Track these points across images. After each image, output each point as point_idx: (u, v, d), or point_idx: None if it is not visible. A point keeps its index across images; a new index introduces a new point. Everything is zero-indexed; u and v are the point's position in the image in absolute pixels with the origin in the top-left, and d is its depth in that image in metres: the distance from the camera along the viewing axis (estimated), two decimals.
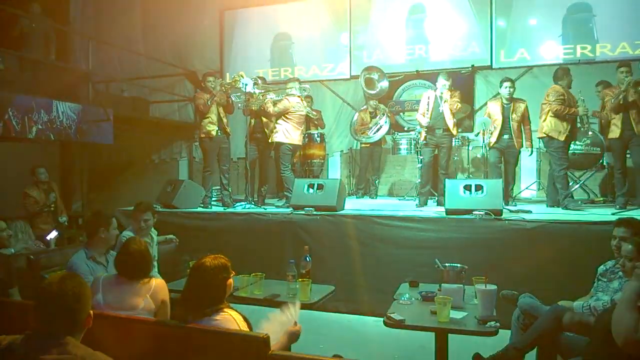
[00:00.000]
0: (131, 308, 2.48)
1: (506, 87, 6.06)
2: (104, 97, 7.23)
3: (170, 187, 6.15)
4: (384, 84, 7.47)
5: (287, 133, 6.08)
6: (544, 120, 5.66)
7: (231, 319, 2.15)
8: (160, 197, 6.13)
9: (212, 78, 6.34)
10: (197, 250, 5.14)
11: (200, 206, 6.13)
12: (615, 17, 7.19)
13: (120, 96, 8.54)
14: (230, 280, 2.30)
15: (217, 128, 6.15)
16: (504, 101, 6.12)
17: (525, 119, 6.13)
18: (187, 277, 2.30)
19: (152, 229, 4.10)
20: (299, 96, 6.24)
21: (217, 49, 9.26)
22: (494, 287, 2.80)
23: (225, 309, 2.20)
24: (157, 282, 2.66)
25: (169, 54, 9.29)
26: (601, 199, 6.41)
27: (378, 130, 7.22)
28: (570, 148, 5.90)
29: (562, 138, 5.55)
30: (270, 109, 6.12)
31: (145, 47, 9.47)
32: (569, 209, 5.32)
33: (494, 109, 6.14)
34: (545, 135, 5.66)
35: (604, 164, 6.37)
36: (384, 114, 7.26)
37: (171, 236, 4.57)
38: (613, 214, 4.87)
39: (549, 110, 5.60)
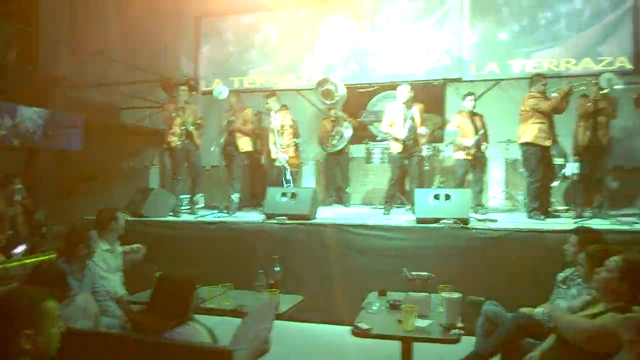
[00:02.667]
0: None
1: (470, 101, 6.34)
2: (74, 102, 7.09)
3: (140, 195, 6.07)
4: (342, 91, 7.54)
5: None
6: (527, 128, 5.56)
7: (195, 332, 2.14)
8: (129, 205, 6.03)
9: (184, 88, 6.33)
10: (167, 260, 5.08)
11: (170, 215, 6.07)
12: (578, 35, 7.51)
13: (91, 101, 8.40)
14: (196, 293, 2.29)
15: (178, 140, 6.13)
16: (469, 114, 6.33)
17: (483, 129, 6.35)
18: (153, 289, 2.29)
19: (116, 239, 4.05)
20: (280, 110, 6.48)
21: (193, 57, 9.21)
22: (459, 294, 2.85)
23: (190, 322, 2.19)
24: (83, 299, 2.62)
25: (144, 60, 9.20)
26: (565, 208, 6.59)
27: (341, 138, 7.32)
28: None
29: (547, 143, 5.52)
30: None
31: (119, 52, 9.36)
32: (533, 219, 5.42)
33: (463, 122, 6.32)
34: (527, 143, 5.55)
35: (567, 174, 6.57)
36: (345, 122, 7.35)
37: (138, 245, 4.46)
38: (575, 223, 5.01)
39: (531, 115, 5.51)
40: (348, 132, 7.30)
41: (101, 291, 3.52)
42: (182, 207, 6.51)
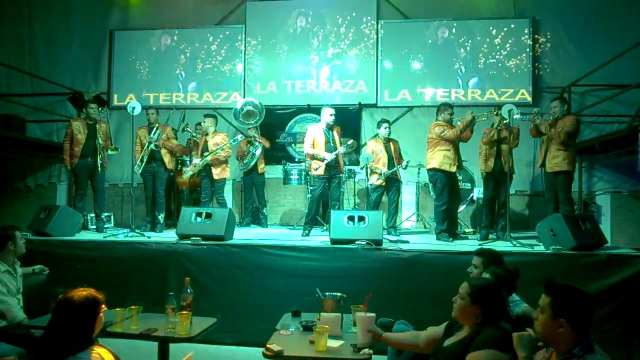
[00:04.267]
0: None
1: (385, 128, 6.62)
2: None
3: (44, 212, 5.69)
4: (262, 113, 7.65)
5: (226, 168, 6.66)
6: (433, 154, 5.83)
7: (99, 357, 2.05)
8: (33, 223, 5.64)
9: (94, 106, 6.33)
10: (74, 282, 4.77)
11: (80, 233, 5.78)
12: (484, 68, 8.16)
13: None
14: (101, 316, 2.20)
15: (75, 160, 6.19)
16: (384, 141, 6.61)
17: (398, 155, 6.65)
18: (52, 313, 2.17)
19: (16, 260, 3.79)
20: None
21: (106, 70, 8.87)
22: (371, 314, 2.95)
23: (93, 347, 2.09)
24: None
25: (57, 72, 8.76)
26: (472, 230, 7.02)
27: (253, 156, 7.38)
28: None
29: (453, 169, 5.79)
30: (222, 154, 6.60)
31: (29, 62, 8.84)
32: (441, 241, 5.70)
33: (378, 148, 6.57)
34: (434, 168, 5.81)
35: (474, 198, 7.03)
36: (256, 141, 7.43)
37: (40, 267, 4.19)
38: (479, 244, 5.34)
39: (437, 143, 5.78)
40: (258, 151, 7.38)
41: None
42: (89, 226, 6.41)
